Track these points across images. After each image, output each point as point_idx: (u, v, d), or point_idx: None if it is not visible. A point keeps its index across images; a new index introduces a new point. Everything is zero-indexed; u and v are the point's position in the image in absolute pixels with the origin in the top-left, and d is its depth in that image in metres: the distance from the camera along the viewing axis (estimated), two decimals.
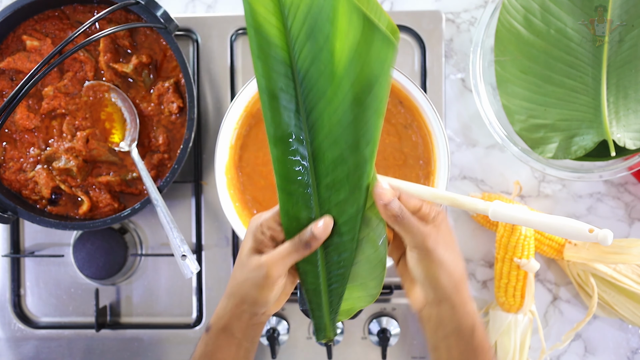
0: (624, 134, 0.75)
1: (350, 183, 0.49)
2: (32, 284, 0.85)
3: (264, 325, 0.56)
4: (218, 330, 0.54)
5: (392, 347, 0.82)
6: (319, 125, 0.48)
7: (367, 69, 0.45)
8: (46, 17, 0.78)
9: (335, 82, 0.46)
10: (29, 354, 0.84)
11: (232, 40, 0.83)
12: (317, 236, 0.50)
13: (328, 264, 0.53)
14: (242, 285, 0.52)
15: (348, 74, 0.45)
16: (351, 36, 0.44)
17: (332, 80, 0.46)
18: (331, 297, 0.54)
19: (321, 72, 0.46)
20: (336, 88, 0.46)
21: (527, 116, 0.77)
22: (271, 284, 0.51)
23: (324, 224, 0.50)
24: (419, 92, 0.70)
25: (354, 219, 0.50)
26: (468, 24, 0.84)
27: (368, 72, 0.45)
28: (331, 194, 0.50)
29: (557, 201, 0.84)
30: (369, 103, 0.46)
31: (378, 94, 0.46)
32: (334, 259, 0.53)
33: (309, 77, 0.46)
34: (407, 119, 0.75)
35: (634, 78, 0.75)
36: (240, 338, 0.54)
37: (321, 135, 0.48)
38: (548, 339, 0.84)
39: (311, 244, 0.50)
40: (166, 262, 0.84)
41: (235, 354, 0.54)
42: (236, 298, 0.53)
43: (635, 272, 0.79)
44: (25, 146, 0.79)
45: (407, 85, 0.70)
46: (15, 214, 0.75)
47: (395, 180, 0.65)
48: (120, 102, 0.78)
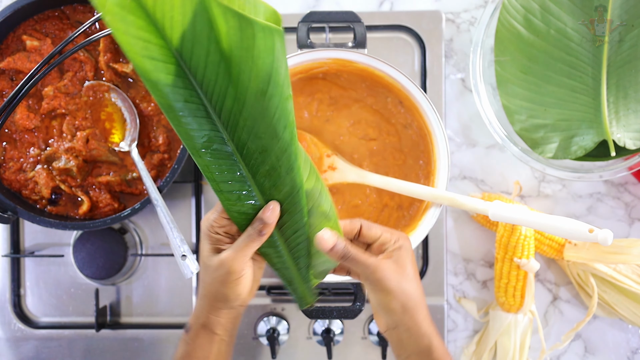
0: (624, 133, 0.75)
1: (283, 166, 0.51)
2: (32, 284, 0.85)
3: (241, 315, 0.59)
4: (198, 328, 0.56)
5: None
6: (233, 122, 0.49)
7: (258, 60, 0.45)
8: (46, 17, 0.78)
9: (233, 80, 0.46)
10: (29, 354, 0.84)
11: None
12: (267, 222, 0.52)
13: (287, 242, 0.56)
14: (210, 285, 0.55)
15: (242, 70, 0.46)
16: (232, 34, 0.44)
17: (229, 79, 0.46)
18: (299, 269, 0.58)
19: (217, 74, 0.46)
20: (236, 85, 0.47)
21: (527, 116, 0.77)
22: (237, 279, 0.54)
23: (271, 209, 0.53)
24: (418, 92, 0.70)
25: (296, 195, 0.53)
26: (468, 24, 0.84)
27: (260, 63, 0.46)
28: (268, 180, 0.52)
29: (557, 201, 0.84)
30: (272, 91, 0.47)
31: (278, 81, 0.47)
32: (291, 236, 0.56)
33: (207, 81, 0.47)
34: (407, 118, 0.75)
35: (634, 78, 0.75)
36: (220, 334, 0.56)
37: (238, 130, 0.49)
38: (548, 339, 0.84)
39: (264, 230, 0.53)
40: (166, 262, 0.84)
41: (217, 350, 0.56)
42: (209, 298, 0.55)
43: (635, 272, 0.79)
44: (25, 146, 0.79)
45: (407, 85, 0.70)
46: (15, 214, 0.75)
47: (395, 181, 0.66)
48: (120, 102, 0.78)
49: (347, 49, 0.70)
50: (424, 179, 0.74)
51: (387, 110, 0.75)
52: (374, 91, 0.75)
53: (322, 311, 0.71)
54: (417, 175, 0.75)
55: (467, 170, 0.84)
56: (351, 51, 0.70)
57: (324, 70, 0.73)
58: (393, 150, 0.76)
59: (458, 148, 0.84)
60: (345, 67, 0.72)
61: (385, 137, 0.76)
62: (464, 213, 0.84)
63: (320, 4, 0.85)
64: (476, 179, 0.84)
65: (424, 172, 0.75)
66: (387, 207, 0.76)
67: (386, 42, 0.83)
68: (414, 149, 0.75)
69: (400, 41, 0.82)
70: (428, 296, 0.82)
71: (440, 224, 0.82)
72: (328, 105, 0.76)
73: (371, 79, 0.73)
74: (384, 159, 0.76)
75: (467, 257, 0.85)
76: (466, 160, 0.84)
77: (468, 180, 0.84)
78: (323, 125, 0.76)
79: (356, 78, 0.74)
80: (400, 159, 0.76)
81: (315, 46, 0.71)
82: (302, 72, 0.73)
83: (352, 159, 0.75)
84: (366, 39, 0.71)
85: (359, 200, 0.76)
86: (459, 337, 0.86)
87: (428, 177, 0.74)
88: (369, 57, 0.70)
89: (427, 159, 0.74)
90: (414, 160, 0.75)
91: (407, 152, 0.76)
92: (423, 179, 0.74)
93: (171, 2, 0.42)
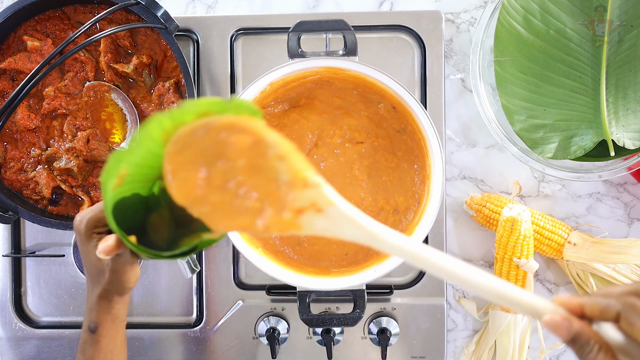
0: (623, 134, 0.75)
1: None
2: (33, 283, 0.85)
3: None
4: (108, 323, 0.59)
5: (392, 347, 0.82)
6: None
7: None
8: (47, 18, 0.79)
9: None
10: (30, 353, 0.84)
11: (232, 40, 0.83)
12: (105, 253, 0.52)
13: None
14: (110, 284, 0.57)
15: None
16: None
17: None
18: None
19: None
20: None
21: (527, 116, 0.77)
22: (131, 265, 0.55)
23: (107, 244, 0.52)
24: (410, 97, 0.69)
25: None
26: (468, 24, 0.84)
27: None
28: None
29: (557, 201, 0.84)
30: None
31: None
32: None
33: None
34: (401, 123, 0.75)
35: (633, 78, 0.75)
36: (124, 319, 0.61)
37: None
38: (547, 338, 0.84)
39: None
40: (166, 262, 0.85)
41: (122, 335, 0.61)
42: (111, 292, 0.58)
43: (634, 272, 0.79)
44: (26, 146, 0.79)
45: (399, 91, 0.70)
46: (16, 214, 0.76)
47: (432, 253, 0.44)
48: (121, 102, 0.79)
49: (338, 57, 0.70)
50: (420, 183, 0.75)
51: (378, 115, 0.76)
52: (366, 97, 0.75)
53: (322, 319, 0.72)
54: (412, 179, 0.75)
55: (466, 170, 0.85)
56: (342, 59, 0.70)
57: (316, 78, 0.73)
58: (385, 152, 0.76)
59: (458, 148, 0.85)
60: (337, 74, 0.72)
61: (374, 139, 0.76)
62: (463, 213, 0.84)
63: (320, 5, 0.85)
64: (476, 179, 0.85)
65: (420, 176, 0.75)
66: (383, 210, 0.76)
67: (386, 42, 0.83)
68: (409, 153, 0.75)
69: (400, 41, 0.83)
70: (428, 296, 0.83)
71: (440, 224, 0.82)
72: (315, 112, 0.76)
73: (363, 86, 0.73)
74: (375, 162, 0.76)
75: (466, 256, 0.85)
76: (466, 160, 0.85)
77: (468, 180, 0.85)
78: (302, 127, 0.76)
79: (348, 85, 0.75)
80: (394, 162, 0.76)
81: (306, 55, 0.71)
82: (294, 81, 0.73)
83: (338, 161, 0.76)
84: (357, 46, 0.70)
85: (355, 203, 0.76)
86: (458, 337, 0.86)
87: (424, 182, 0.74)
88: (360, 64, 0.69)
89: (422, 163, 0.74)
90: (408, 165, 0.75)
91: (400, 156, 0.76)
92: (419, 183, 0.75)
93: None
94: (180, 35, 0.83)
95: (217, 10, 0.86)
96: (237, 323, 0.83)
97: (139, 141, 0.46)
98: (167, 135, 0.46)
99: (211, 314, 0.84)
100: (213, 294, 0.84)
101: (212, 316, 0.84)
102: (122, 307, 0.60)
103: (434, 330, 0.82)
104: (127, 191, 0.50)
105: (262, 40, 0.83)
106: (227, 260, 0.83)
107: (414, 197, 0.75)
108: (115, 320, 0.60)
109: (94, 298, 0.59)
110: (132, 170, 0.47)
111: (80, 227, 0.56)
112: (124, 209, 0.51)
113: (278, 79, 0.70)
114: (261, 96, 0.71)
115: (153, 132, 0.45)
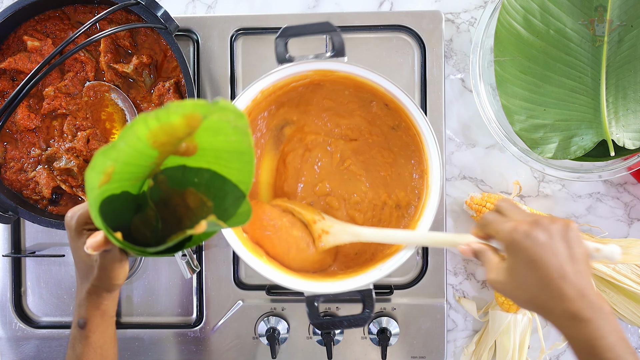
0: (623, 134, 0.75)
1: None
2: (33, 283, 0.85)
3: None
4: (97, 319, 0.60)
5: (392, 347, 0.82)
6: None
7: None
8: (47, 18, 0.79)
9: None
10: (30, 353, 0.84)
11: (232, 40, 0.83)
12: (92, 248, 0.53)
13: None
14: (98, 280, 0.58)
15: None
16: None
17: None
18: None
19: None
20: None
21: (527, 116, 0.77)
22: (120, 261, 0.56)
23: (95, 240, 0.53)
24: (402, 93, 0.69)
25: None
26: (468, 24, 0.84)
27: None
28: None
29: (557, 201, 0.84)
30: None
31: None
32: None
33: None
34: (395, 120, 0.75)
35: (633, 78, 0.75)
36: (113, 315, 0.61)
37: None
38: (547, 338, 0.84)
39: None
40: (166, 262, 0.85)
41: (112, 330, 0.62)
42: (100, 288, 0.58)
43: (634, 272, 0.79)
44: (26, 146, 0.79)
45: (390, 88, 0.69)
46: (16, 214, 0.76)
47: (390, 232, 0.71)
48: (121, 102, 0.79)
49: (326, 59, 0.69)
50: (419, 177, 0.75)
51: (372, 113, 0.76)
52: (358, 97, 0.75)
53: (332, 322, 0.69)
54: (410, 174, 0.76)
55: (466, 170, 0.85)
56: (330, 61, 0.69)
57: (306, 82, 0.73)
58: (380, 149, 0.76)
59: (458, 148, 0.85)
60: (327, 76, 0.72)
61: (368, 136, 0.77)
62: (464, 213, 0.84)
63: (320, 5, 0.85)
64: (476, 179, 0.85)
65: (418, 171, 0.75)
66: (386, 205, 0.77)
67: (386, 42, 0.83)
68: (405, 149, 0.75)
69: (400, 41, 0.83)
70: (428, 296, 0.83)
71: (440, 224, 0.82)
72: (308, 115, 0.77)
73: (354, 85, 0.73)
74: (372, 157, 0.77)
75: (466, 256, 0.85)
76: (466, 160, 0.85)
77: (468, 180, 0.85)
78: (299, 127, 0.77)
79: (340, 86, 0.74)
80: (390, 157, 0.76)
81: (294, 60, 0.70)
82: (285, 86, 0.73)
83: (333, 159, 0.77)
84: (344, 47, 0.69)
85: (358, 197, 0.78)
86: (458, 337, 0.86)
87: (422, 176, 0.74)
88: (348, 65, 0.69)
89: (419, 158, 0.74)
90: (405, 160, 0.76)
91: (397, 152, 0.76)
92: (417, 178, 0.75)
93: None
94: (180, 35, 0.83)
95: (217, 10, 0.86)
96: (237, 323, 0.83)
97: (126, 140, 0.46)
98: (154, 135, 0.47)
99: (211, 314, 0.84)
100: (213, 294, 0.84)
101: (212, 316, 0.84)
102: (111, 303, 0.60)
103: (434, 330, 0.82)
104: (116, 189, 0.52)
105: (262, 40, 0.83)
106: (227, 261, 0.83)
107: (414, 192, 0.75)
108: (104, 316, 0.60)
109: (83, 294, 0.59)
110: (119, 168, 0.49)
111: (71, 223, 0.56)
112: (114, 206, 0.52)
113: (269, 86, 0.70)
114: (253, 104, 0.71)
115: (139, 131, 0.46)
